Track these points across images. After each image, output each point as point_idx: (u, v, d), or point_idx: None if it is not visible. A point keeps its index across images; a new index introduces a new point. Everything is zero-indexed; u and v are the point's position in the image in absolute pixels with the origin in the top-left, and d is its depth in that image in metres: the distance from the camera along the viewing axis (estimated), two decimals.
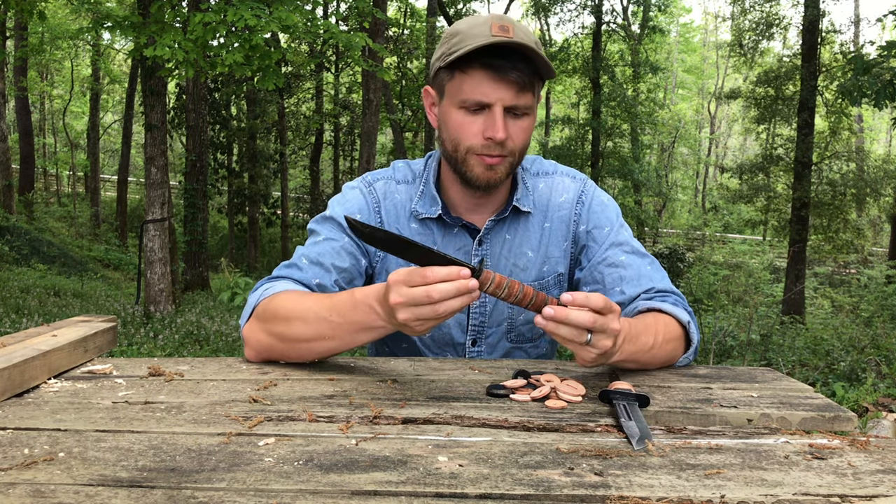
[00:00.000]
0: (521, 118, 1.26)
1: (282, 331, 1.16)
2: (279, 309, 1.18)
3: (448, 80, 1.27)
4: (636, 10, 22.14)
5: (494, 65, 1.20)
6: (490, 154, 1.26)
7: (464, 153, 1.28)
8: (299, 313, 1.15)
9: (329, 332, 1.12)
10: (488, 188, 1.30)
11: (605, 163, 19.37)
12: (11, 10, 7.98)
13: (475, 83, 1.23)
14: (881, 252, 20.43)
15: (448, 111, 1.28)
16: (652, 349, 1.17)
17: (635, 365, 1.19)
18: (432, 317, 0.96)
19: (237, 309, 9.91)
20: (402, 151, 16.01)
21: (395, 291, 0.97)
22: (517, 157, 1.29)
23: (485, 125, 1.24)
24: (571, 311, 0.98)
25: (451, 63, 1.24)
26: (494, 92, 1.22)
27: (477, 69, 1.22)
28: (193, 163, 12.98)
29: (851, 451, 0.85)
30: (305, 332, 1.14)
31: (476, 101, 1.23)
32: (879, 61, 6.72)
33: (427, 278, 0.95)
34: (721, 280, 13.61)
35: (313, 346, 1.15)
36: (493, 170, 1.27)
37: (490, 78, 1.21)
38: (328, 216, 1.38)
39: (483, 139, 1.25)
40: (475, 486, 0.71)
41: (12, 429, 0.87)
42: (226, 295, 6.22)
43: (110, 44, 23.18)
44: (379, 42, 9.77)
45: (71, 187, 26.11)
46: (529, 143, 1.32)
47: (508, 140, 1.25)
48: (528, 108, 1.26)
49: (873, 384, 4.90)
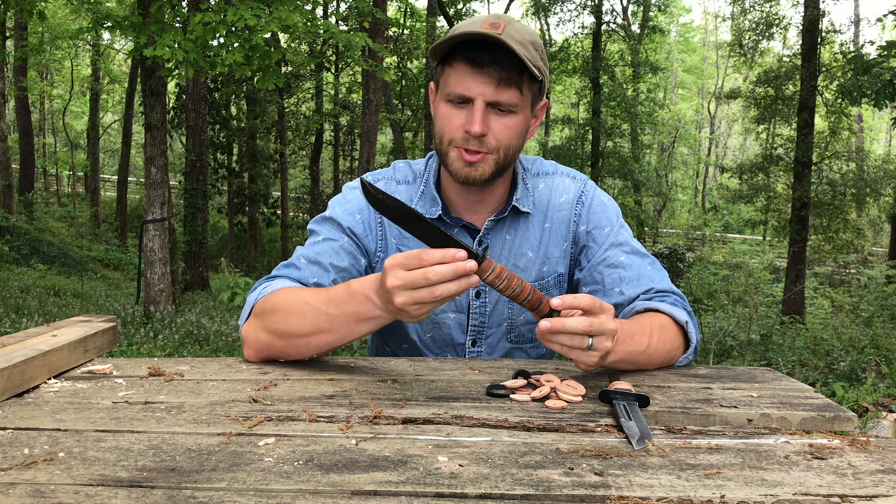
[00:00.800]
0: (505, 115, 1.26)
1: (279, 327, 1.17)
2: (277, 305, 1.18)
3: (440, 74, 1.30)
4: (636, 10, 22.14)
5: (474, 57, 1.22)
6: (468, 148, 1.26)
7: (446, 146, 1.29)
8: (297, 307, 1.15)
9: (327, 324, 1.12)
10: (469, 184, 1.29)
11: (605, 163, 19.36)
12: (11, 10, 7.98)
13: (459, 76, 1.24)
14: (881, 252, 20.43)
15: (438, 104, 1.30)
16: (647, 349, 1.18)
17: (632, 366, 1.19)
18: (429, 300, 0.96)
19: (237, 309, 9.90)
20: (402, 151, 16.01)
21: (392, 275, 0.98)
22: (502, 154, 1.28)
23: (466, 119, 1.25)
24: (567, 320, 0.99)
25: (441, 57, 1.27)
26: (475, 86, 1.23)
27: (459, 61, 1.24)
28: (193, 163, 12.98)
29: (851, 451, 0.85)
30: (303, 327, 1.14)
31: (458, 95, 1.24)
32: (879, 61, 6.71)
33: (423, 261, 0.96)
34: (721, 280, 13.62)
35: (311, 340, 1.15)
36: (473, 167, 1.27)
37: (471, 71, 1.23)
38: (328, 217, 1.38)
39: (463, 132, 1.26)
40: (475, 486, 0.71)
41: (12, 429, 0.87)
42: (226, 295, 6.21)
43: (110, 44, 23.19)
44: (379, 42, 9.77)
45: (71, 187, 26.12)
46: (519, 142, 1.30)
47: (489, 136, 1.25)
48: (513, 106, 1.25)
49: (873, 384, 4.90)
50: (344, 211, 1.38)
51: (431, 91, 1.37)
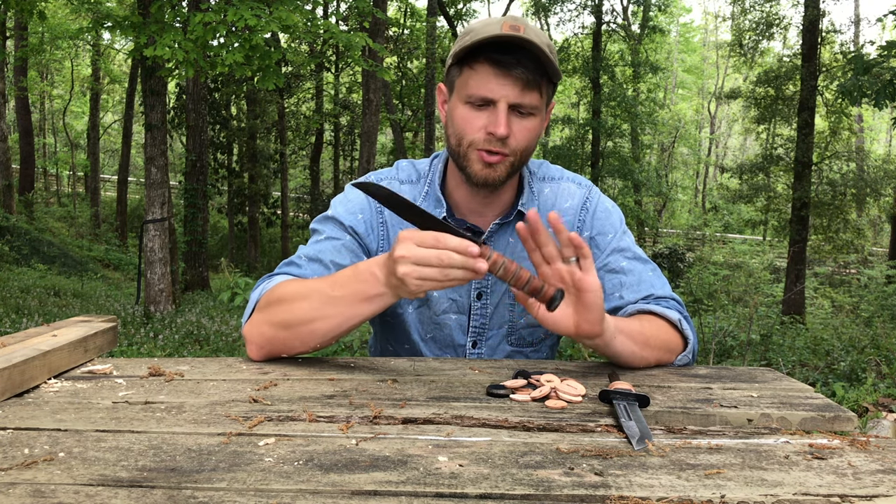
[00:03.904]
0: (526, 118, 1.26)
1: (284, 316, 1.17)
2: (283, 295, 1.20)
3: (457, 75, 1.28)
4: (636, 10, 22.13)
5: (500, 59, 1.21)
6: (490, 150, 1.25)
7: (466, 147, 1.28)
8: (303, 294, 1.17)
9: (331, 308, 1.13)
10: (486, 186, 1.29)
11: (605, 163, 19.35)
12: (11, 10, 7.99)
13: (481, 78, 1.23)
14: (881, 252, 20.42)
15: (455, 106, 1.29)
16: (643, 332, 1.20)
17: (630, 356, 1.19)
18: (435, 279, 0.99)
19: (237, 309, 9.90)
20: (402, 151, 16.01)
21: (403, 246, 1.00)
22: (519, 157, 1.28)
23: (488, 121, 1.25)
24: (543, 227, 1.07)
25: (460, 59, 1.26)
26: (500, 88, 1.22)
27: (483, 64, 1.23)
28: (193, 163, 12.98)
29: (851, 451, 0.85)
30: (308, 313, 1.15)
31: (481, 97, 1.24)
32: (879, 61, 6.71)
33: (440, 242, 0.99)
34: (721, 280, 13.60)
35: (315, 327, 1.15)
36: (493, 168, 1.27)
37: (495, 73, 1.22)
38: (330, 216, 1.38)
39: (485, 134, 1.25)
40: (475, 486, 0.71)
41: (12, 429, 0.87)
42: (226, 295, 6.21)
43: (110, 44, 23.18)
44: (379, 42, 9.77)
45: (71, 187, 26.12)
46: (535, 145, 1.31)
47: (511, 138, 1.25)
48: (534, 108, 1.25)
49: (873, 384, 4.90)
50: (346, 210, 1.38)
51: (442, 92, 1.36)
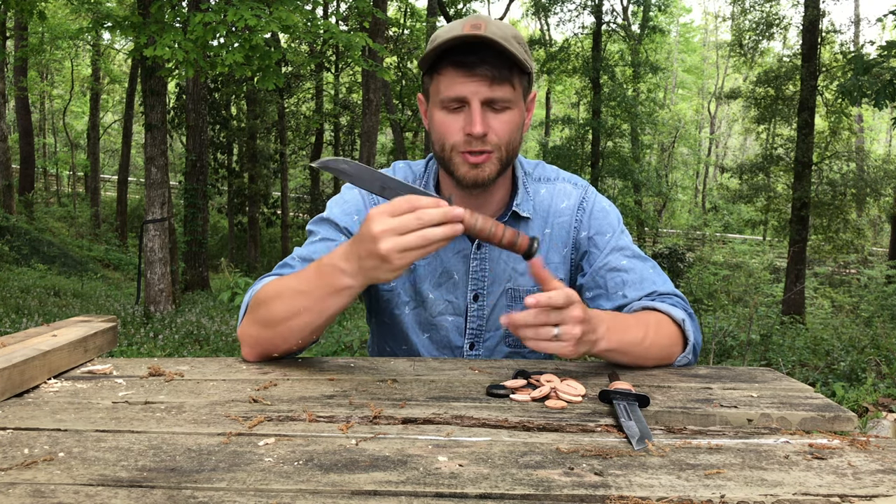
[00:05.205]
0: (502, 112, 1.26)
1: (264, 315, 1.19)
2: (264, 296, 1.20)
3: (430, 83, 1.30)
4: (636, 10, 22.12)
5: (463, 61, 1.22)
6: (472, 150, 1.26)
7: (449, 152, 1.28)
8: (278, 292, 1.18)
9: (303, 303, 1.13)
10: (476, 187, 1.30)
11: (605, 163, 19.35)
12: (11, 10, 7.98)
13: (449, 82, 1.24)
14: (881, 252, 20.41)
15: (433, 113, 1.30)
16: (643, 341, 1.19)
17: (628, 358, 1.19)
18: (417, 245, 0.98)
19: (237, 309, 9.90)
20: (402, 151, 16.01)
21: (378, 222, 0.99)
22: (504, 151, 1.28)
23: (465, 122, 1.25)
24: (517, 315, 1.02)
25: (429, 66, 1.28)
26: (468, 87, 1.23)
27: (448, 68, 1.24)
28: (193, 163, 12.98)
29: (851, 451, 0.85)
30: (283, 310, 1.15)
31: (452, 98, 1.25)
32: (879, 61, 6.72)
33: (413, 204, 0.98)
34: (721, 280, 13.62)
35: (292, 323, 1.15)
36: (480, 168, 1.27)
37: (461, 75, 1.23)
38: (325, 217, 1.39)
39: (464, 136, 1.26)
40: (475, 486, 0.71)
41: (12, 429, 0.87)
42: (226, 295, 6.21)
43: (110, 44, 23.19)
44: (379, 42, 9.77)
45: (71, 187, 26.12)
46: (519, 137, 1.31)
47: (491, 134, 1.25)
48: (508, 101, 1.25)
49: (873, 384, 4.90)
50: (341, 211, 1.38)
51: (421, 102, 1.37)
